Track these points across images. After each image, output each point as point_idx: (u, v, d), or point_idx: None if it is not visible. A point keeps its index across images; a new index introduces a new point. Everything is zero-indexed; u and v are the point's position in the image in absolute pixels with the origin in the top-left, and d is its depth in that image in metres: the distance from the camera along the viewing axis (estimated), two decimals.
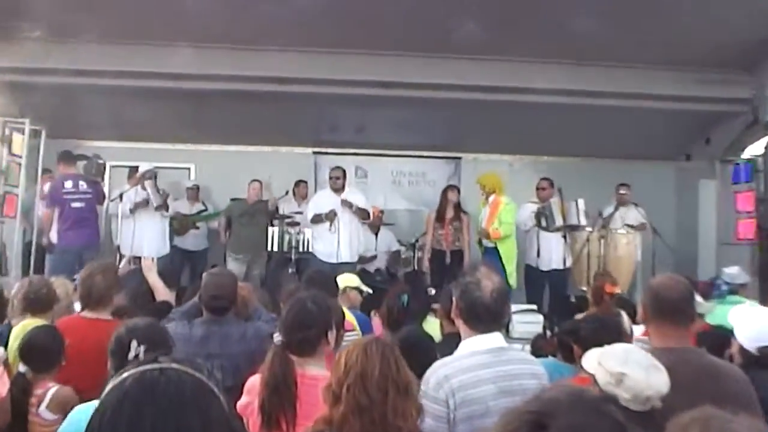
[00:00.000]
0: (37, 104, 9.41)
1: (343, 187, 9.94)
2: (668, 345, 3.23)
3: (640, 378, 2.76)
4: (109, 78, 9.61)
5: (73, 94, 9.21)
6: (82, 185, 9.26)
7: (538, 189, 10.19)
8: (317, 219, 9.78)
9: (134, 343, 3.17)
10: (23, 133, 9.62)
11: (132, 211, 9.99)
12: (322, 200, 9.95)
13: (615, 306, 5.40)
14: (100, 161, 9.74)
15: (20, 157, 9.59)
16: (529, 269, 10.10)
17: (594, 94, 10.42)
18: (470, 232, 10.18)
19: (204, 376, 1.50)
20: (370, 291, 6.45)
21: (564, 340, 4.57)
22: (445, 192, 10.47)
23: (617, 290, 6.58)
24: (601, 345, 3.06)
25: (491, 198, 9.76)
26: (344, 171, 10.11)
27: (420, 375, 3.12)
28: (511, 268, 9.60)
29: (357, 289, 6.28)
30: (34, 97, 9.20)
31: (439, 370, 3.14)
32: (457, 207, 10.31)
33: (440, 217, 10.27)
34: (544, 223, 9.90)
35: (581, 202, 9.91)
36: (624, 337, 4.03)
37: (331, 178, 10.04)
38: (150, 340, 3.22)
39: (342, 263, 9.44)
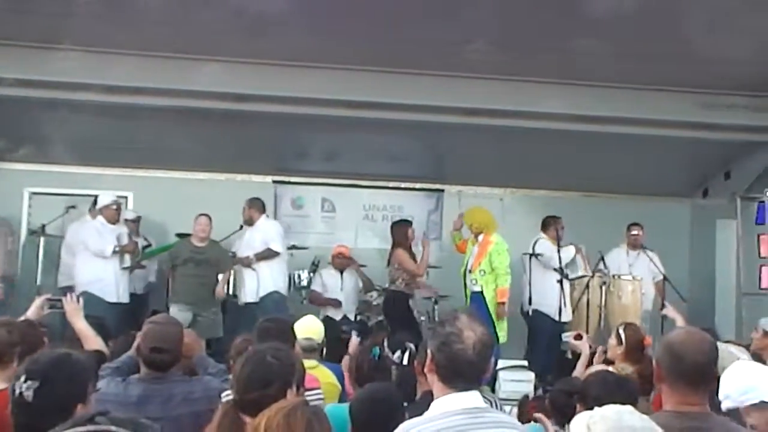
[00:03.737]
0: None
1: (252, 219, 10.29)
2: (684, 409, 3.25)
3: None
4: (29, 87, 9.62)
5: None
6: None
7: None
8: None
9: (21, 380, 2.93)
10: None
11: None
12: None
13: None
14: None
15: None
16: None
17: (596, 119, 10.52)
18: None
19: None
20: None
21: (558, 401, 4.53)
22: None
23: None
24: None
25: (480, 237, 9.81)
26: (258, 201, 10.44)
27: None
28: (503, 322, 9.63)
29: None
30: None
31: None
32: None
33: None
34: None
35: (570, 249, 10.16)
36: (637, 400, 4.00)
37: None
38: (44, 374, 2.95)
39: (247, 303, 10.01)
